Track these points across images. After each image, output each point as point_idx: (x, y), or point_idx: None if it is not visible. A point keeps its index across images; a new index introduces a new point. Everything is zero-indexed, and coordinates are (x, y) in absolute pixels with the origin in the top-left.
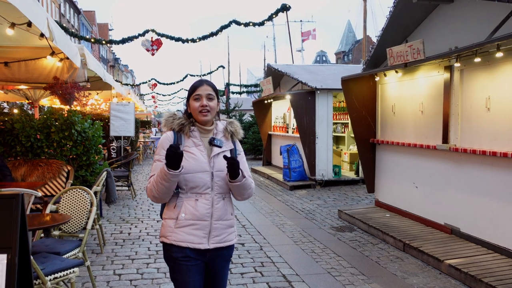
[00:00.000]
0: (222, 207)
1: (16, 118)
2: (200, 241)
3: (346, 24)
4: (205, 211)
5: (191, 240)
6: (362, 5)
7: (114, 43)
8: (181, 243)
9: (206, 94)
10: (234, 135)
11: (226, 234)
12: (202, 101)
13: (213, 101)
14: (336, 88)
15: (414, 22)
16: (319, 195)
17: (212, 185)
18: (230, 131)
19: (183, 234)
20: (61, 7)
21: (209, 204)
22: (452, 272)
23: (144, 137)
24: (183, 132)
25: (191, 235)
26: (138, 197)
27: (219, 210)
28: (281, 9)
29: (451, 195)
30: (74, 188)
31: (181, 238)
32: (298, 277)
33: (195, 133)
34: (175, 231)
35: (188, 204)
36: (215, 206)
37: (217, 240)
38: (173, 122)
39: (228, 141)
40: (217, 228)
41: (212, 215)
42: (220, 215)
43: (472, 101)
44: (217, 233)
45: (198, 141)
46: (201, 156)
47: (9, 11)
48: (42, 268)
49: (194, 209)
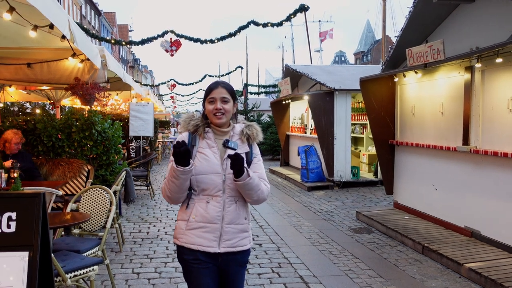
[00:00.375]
0: (234, 210)
1: (38, 118)
2: (210, 244)
3: (365, 24)
4: (216, 214)
5: (201, 243)
6: (381, 5)
7: (133, 44)
8: (192, 246)
9: (220, 97)
10: (251, 138)
11: (238, 239)
12: (216, 104)
13: (228, 104)
14: (355, 89)
15: (434, 22)
16: (337, 196)
17: (224, 188)
18: (246, 134)
19: (194, 236)
20: (82, 9)
21: (220, 207)
22: (472, 276)
23: (163, 137)
24: (198, 133)
25: (201, 238)
26: (157, 196)
27: (230, 214)
28: (299, 10)
29: (472, 197)
30: (94, 187)
31: (191, 241)
32: (315, 278)
33: (209, 134)
34: (186, 233)
35: (199, 206)
36: (226, 209)
37: (228, 244)
38: (189, 123)
39: (244, 144)
40: (228, 232)
41: (223, 218)
42: (231, 219)
43: (493, 102)
44: (228, 237)
45: (212, 143)
46: (214, 158)
47: (32, 13)
48: (63, 265)
49: (204, 211)
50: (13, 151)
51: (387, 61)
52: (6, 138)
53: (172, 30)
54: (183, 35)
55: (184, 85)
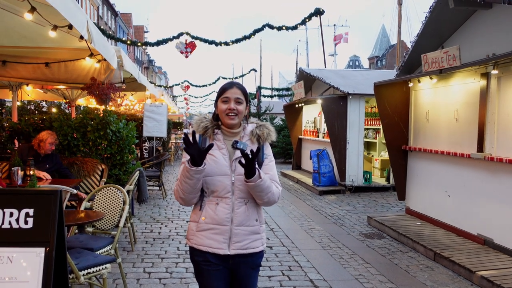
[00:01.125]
0: (243, 212)
1: (55, 117)
2: (220, 246)
3: (380, 29)
4: (225, 215)
5: (211, 245)
6: (397, 9)
7: (149, 45)
8: (202, 247)
9: (235, 97)
10: (261, 138)
11: (249, 241)
12: (230, 104)
13: (242, 105)
14: (368, 94)
15: (450, 28)
16: (348, 201)
17: (233, 189)
18: (256, 134)
19: (203, 238)
20: (99, 9)
21: (229, 208)
22: (484, 284)
23: (175, 138)
24: (207, 135)
25: (210, 240)
26: (169, 197)
27: (240, 215)
28: (314, 13)
29: (485, 205)
30: (108, 187)
31: (201, 242)
32: (325, 282)
33: (218, 136)
34: (196, 234)
35: (209, 208)
36: (235, 211)
37: (238, 246)
38: (200, 125)
39: (254, 145)
40: (238, 234)
41: (232, 220)
42: (241, 221)
43: (509, 109)
44: (238, 239)
45: (221, 144)
46: (223, 159)
47: (51, 14)
48: (76, 263)
49: (214, 213)
50: (47, 151)
51: (402, 66)
52: (41, 138)
53: (187, 32)
54: (198, 37)
55: (197, 87)
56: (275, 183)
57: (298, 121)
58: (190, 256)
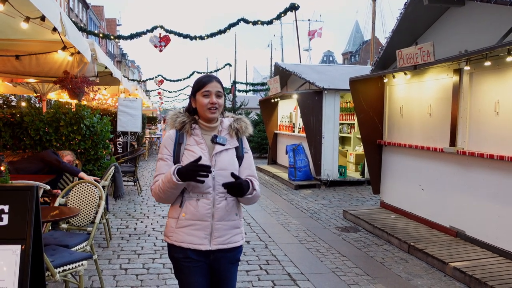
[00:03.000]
0: (224, 207)
1: (26, 111)
2: (201, 242)
3: (354, 25)
4: (206, 211)
5: (192, 241)
6: (371, 6)
7: (122, 38)
8: (182, 244)
9: (216, 91)
10: (240, 132)
11: (230, 236)
12: (212, 98)
13: (221, 99)
14: (343, 89)
15: (424, 24)
16: (324, 195)
17: (213, 184)
18: (234, 128)
19: (184, 234)
20: (70, 2)
21: (210, 204)
22: (457, 275)
23: (150, 133)
24: (185, 130)
25: (191, 236)
26: (144, 192)
27: (221, 211)
28: (289, 8)
29: (457, 198)
30: (83, 182)
31: (182, 239)
32: (303, 275)
33: (196, 131)
34: (176, 231)
35: (190, 204)
36: (216, 206)
37: (219, 241)
38: (176, 120)
39: (233, 139)
40: (219, 229)
41: (213, 215)
42: (222, 216)
43: (481, 104)
44: (219, 234)
45: (200, 139)
46: (202, 155)
47: (23, 5)
48: (52, 260)
49: (195, 209)
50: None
51: (377, 61)
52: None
53: (161, 25)
54: (173, 31)
55: (172, 81)
56: (253, 178)
57: (274, 116)
58: (169, 253)
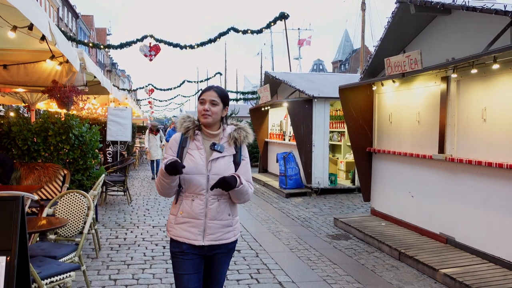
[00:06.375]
0: (216, 207)
1: (14, 121)
2: (195, 238)
3: (343, 34)
4: (199, 210)
5: (187, 236)
6: (360, 15)
7: (112, 47)
8: (179, 238)
9: (210, 99)
10: (238, 141)
11: (221, 233)
12: (205, 106)
13: (217, 107)
14: (333, 97)
15: (412, 33)
16: (314, 203)
17: (207, 187)
18: (233, 137)
19: (180, 230)
20: (59, 11)
21: (203, 204)
22: (447, 281)
23: (140, 143)
24: (188, 135)
25: (187, 232)
26: (134, 202)
27: (213, 211)
28: (279, 17)
29: (447, 204)
30: (71, 192)
31: (179, 234)
32: (294, 284)
33: (198, 136)
34: (174, 226)
35: (186, 203)
36: (209, 207)
37: (212, 238)
38: (182, 124)
39: (230, 147)
40: (212, 227)
41: (206, 214)
42: (214, 215)
43: (468, 112)
44: (211, 231)
45: (200, 145)
46: (200, 159)
47: (11, 14)
48: (39, 271)
49: (190, 208)
50: None
51: (366, 70)
52: None
53: (151, 34)
54: (163, 40)
55: (162, 90)
56: (249, 184)
57: (264, 124)
58: (169, 246)
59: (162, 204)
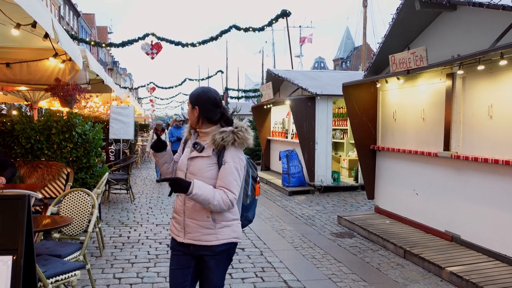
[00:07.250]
0: (192, 206)
1: (17, 119)
2: (178, 234)
3: (345, 31)
4: (179, 207)
5: (173, 231)
6: (362, 12)
7: (114, 46)
8: (171, 233)
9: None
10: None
11: (200, 234)
12: None
13: (190, 109)
14: (336, 94)
15: (417, 29)
16: (318, 201)
17: None
18: (213, 139)
19: (171, 225)
20: (60, 9)
21: (182, 201)
22: (454, 280)
23: (142, 141)
24: (189, 136)
25: (173, 227)
26: (137, 200)
27: (189, 209)
28: (281, 15)
29: (452, 202)
30: (75, 190)
31: (171, 228)
32: (299, 282)
33: (193, 136)
34: (171, 221)
35: (176, 199)
36: (186, 205)
37: (190, 237)
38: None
39: (209, 149)
40: (189, 225)
41: (184, 212)
42: (190, 214)
43: (474, 108)
44: (189, 230)
45: (190, 143)
46: (184, 157)
47: (15, 11)
48: (44, 270)
49: (176, 204)
50: None
51: (369, 67)
52: None
53: (153, 33)
54: (164, 38)
55: (163, 89)
56: (223, 189)
57: (267, 122)
58: None
59: (165, 202)
